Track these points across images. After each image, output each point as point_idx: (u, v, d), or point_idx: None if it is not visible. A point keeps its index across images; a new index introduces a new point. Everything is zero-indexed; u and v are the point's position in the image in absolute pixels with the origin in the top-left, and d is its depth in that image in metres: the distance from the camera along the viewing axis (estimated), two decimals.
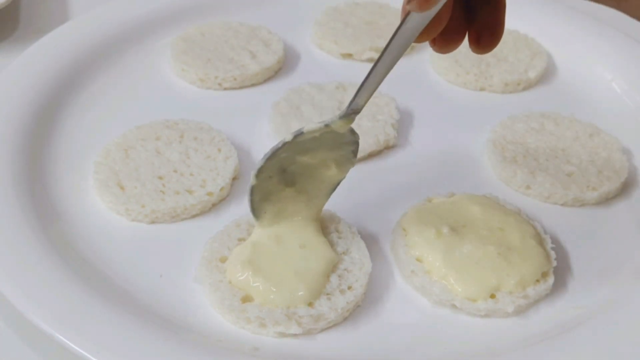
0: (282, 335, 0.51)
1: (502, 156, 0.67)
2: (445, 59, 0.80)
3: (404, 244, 0.56)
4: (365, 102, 0.51)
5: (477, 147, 0.71)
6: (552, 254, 0.56)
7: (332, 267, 0.54)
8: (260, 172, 0.53)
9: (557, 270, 0.56)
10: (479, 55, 0.81)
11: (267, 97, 0.74)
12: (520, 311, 0.54)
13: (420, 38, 0.48)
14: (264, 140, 0.70)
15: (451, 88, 0.80)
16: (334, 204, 0.59)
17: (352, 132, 0.53)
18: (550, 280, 0.55)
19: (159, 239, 0.59)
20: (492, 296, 0.53)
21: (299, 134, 0.52)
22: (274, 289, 0.51)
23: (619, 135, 0.71)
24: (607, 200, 0.65)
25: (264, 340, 0.51)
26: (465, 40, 0.53)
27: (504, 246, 0.55)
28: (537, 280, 0.54)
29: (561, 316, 0.54)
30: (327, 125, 0.52)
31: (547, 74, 0.82)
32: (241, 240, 0.56)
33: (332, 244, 0.56)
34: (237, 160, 0.64)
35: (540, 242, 0.56)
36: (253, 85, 0.78)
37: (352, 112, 0.51)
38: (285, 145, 0.52)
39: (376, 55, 0.82)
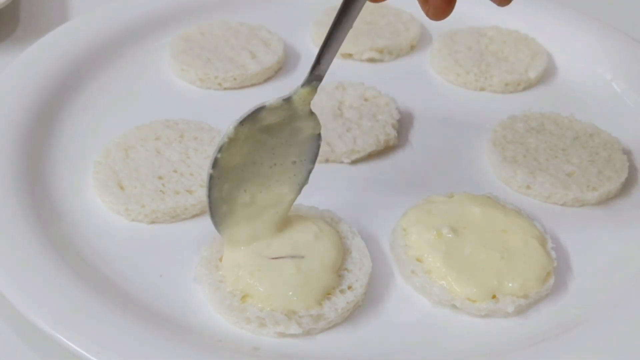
0: (282, 335, 0.51)
1: (502, 156, 0.67)
2: (445, 59, 0.80)
3: (404, 244, 0.56)
4: (327, 68, 0.50)
5: (477, 147, 0.71)
6: (553, 254, 0.56)
7: (337, 269, 0.54)
8: (217, 163, 0.51)
9: (557, 270, 0.56)
10: (479, 55, 0.81)
11: (267, 97, 0.74)
12: (520, 311, 0.54)
13: None
14: None
15: (451, 88, 0.80)
16: (334, 204, 0.59)
17: (318, 136, 0.53)
18: (551, 280, 0.55)
19: (159, 239, 0.59)
20: (493, 296, 0.53)
21: (258, 111, 0.51)
22: (271, 292, 0.51)
23: (619, 135, 0.71)
24: (607, 200, 0.65)
25: (264, 340, 0.51)
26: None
27: (507, 249, 0.55)
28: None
29: (561, 316, 0.54)
30: (287, 100, 0.51)
31: (547, 74, 0.82)
32: None
33: None
34: None
35: (542, 244, 0.56)
36: (253, 85, 0.78)
37: (314, 78, 0.50)
38: (244, 124, 0.51)
39: (376, 55, 0.82)
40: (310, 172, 0.55)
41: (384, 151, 0.69)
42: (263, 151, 0.53)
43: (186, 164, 0.63)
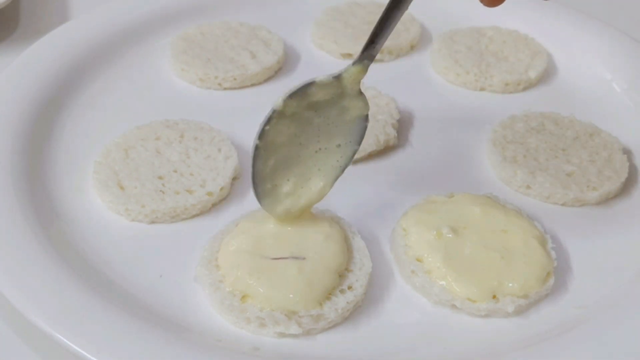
0: (282, 335, 0.51)
1: (502, 156, 0.67)
2: (445, 59, 0.80)
3: (404, 244, 0.56)
4: (380, 48, 0.50)
5: (477, 147, 0.71)
6: (553, 254, 0.56)
7: (340, 271, 0.54)
8: (263, 135, 0.51)
9: (557, 270, 0.56)
10: (479, 55, 0.81)
11: (267, 97, 0.74)
12: (520, 311, 0.54)
13: None
14: None
15: (451, 88, 0.80)
16: (334, 204, 0.59)
17: (366, 117, 0.53)
18: (551, 280, 0.55)
19: (159, 239, 0.59)
20: (493, 297, 0.53)
21: (307, 86, 0.50)
22: (271, 294, 0.51)
23: (619, 135, 0.71)
24: (607, 200, 0.65)
25: (264, 340, 0.51)
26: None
27: (507, 249, 0.55)
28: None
29: (561, 316, 0.54)
30: (337, 78, 0.51)
31: (547, 74, 0.82)
32: None
33: None
34: (237, 160, 0.64)
35: (542, 244, 0.56)
36: (253, 85, 0.78)
37: (366, 57, 0.50)
38: (293, 98, 0.51)
39: (377, 55, 0.82)
40: (355, 153, 0.54)
41: (384, 151, 0.69)
42: (309, 131, 0.52)
43: (186, 164, 0.63)
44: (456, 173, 0.68)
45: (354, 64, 0.51)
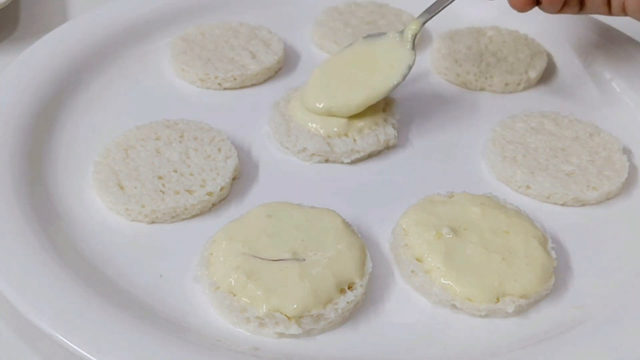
0: (282, 335, 0.51)
1: (502, 156, 0.67)
2: (445, 59, 0.80)
3: (404, 244, 0.56)
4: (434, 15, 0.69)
5: (477, 147, 0.71)
6: (553, 254, 0.56)
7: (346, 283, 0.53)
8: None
9: (557, 270, 0.56)
10: (479, 55, 0.81)
11: (267, 97, 0.74)
12: (520, 311, 0.54)
13: None
14: (264, 140, 0.70)
15: (451, 88, 0.80)
16: (334, 204, 0.59)
17: (410, 67, 0.68)
18: (551, 280, 0.55)
19: (159, 239, 0.59)
20: (497, 300, 0.53)
21: (382, 35, 0.69)
22: (267, 296, 0.50)
23: (619, 135, 0.71)
24: (607, 200, 0.65)
25: (264, 340, 0.51)
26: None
27: (507, 250, 0.55)
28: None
29: (561, 316, 0.54)
30: (400, 32, 0.69)
31: (547, 74, 0.82)
32: None
33: None
34: (237, 160, 0.64)
35: (543, 244, 0.56)
36: (253, 85, 0.78)
37: (421, 17, 0.68)
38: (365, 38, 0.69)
39: None
40: (396, 86, 0.68)
41: (384, 151, 0.69)
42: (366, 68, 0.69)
43: (186, 164, 0.63)
44: (456, 173, 0.68)
45: (412, 22, 0.69)
